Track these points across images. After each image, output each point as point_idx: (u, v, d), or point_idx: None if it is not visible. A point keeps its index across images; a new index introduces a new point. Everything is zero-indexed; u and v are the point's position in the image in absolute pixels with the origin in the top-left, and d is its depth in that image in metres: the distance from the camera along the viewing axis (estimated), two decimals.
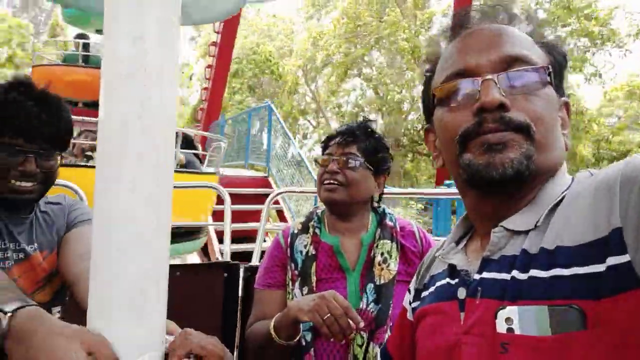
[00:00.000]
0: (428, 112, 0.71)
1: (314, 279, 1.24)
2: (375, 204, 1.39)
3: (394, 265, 1.24)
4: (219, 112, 11.70)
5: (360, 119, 1.40)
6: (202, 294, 1.72)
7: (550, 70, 0.62)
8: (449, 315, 0.63)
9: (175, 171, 4.86)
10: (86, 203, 1.79)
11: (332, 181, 1.27)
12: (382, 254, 1.25)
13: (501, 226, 0.60)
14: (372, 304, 1.19)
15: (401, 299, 1.24)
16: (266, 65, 20.70)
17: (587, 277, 0.49)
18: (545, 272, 0.52)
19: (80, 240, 1.14)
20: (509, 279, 0.56)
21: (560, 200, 0.58)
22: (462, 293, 0.62)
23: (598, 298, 0.48)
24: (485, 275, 0.59)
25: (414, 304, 0.77)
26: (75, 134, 4.37)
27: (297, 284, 1.25)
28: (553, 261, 0.52)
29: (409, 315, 0.78)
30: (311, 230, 1.32)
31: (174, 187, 0.72)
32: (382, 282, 1.21)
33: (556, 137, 0.61)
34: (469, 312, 0.60)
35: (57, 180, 1.17)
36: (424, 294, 0.74)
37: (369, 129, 1.35)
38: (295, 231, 1.34)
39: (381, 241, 1.27)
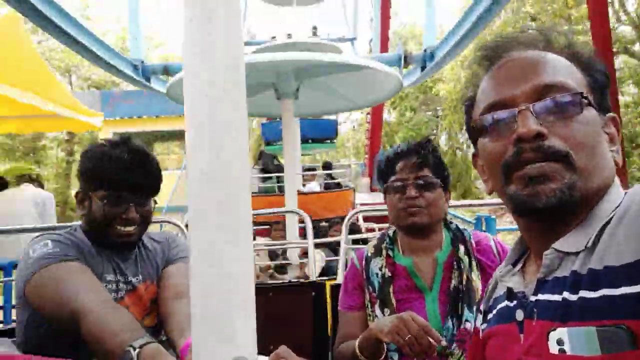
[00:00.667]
0: (473, 139, 0.74)
1: (393, 300, 1.26)
2: (445, 220, 1.38)
3: (478, 283, 1.24)
4: (378, 148, 14.14)
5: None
6: (294, 313, 1.84)
7: (587, 94, 0.62)
8: (510, 336, 0.65)
9: None
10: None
11: (414, 206, 1.27)
12: (463, 272, 1.24)
13: (553, 248, 0.61)
14: (469, 322, 1.18)
15: None
16: (425, 86, 23.92)
17: (636, 296, 0.49)
18: (594, 293, 0.53)
19: (176, 277, 1.29)
20: (561, 300, 0.57)
21: (611, 219, 0.57)
22: (520, 315, 0.64)
23: None
24: (540, 296, 0.61)
25: (482, 326, 0.79)
26: None
27: (377, 306, 1.28)
28: (601, 281, 0.53)
29: (480, 336, 0.80)
30: (384, 252, 1.34)
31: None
32: (474, 300, 1.21)
33: (601, 158, 0.61)
34: (527, 333, 0.61)
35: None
36: (489, 316, 0.76)
37: (433, 146, 1.34)
38: (369, 254, 1.37)
39: (459, 259, 1.27)
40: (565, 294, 0.56)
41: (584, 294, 0.54)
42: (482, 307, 0.83)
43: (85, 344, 0.97)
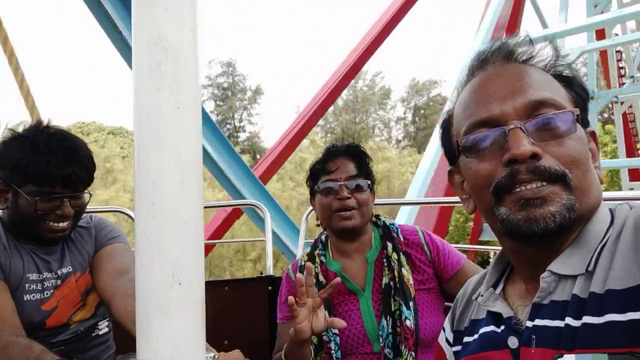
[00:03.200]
0: (451, 155, 0.68)
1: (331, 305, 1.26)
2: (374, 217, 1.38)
3: (410, 277, 1.24)
4: None
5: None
6: (250, 307, 1.80)
7: (578, 112, 0.59)
8: None
9: None
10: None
11: (347, 208, 1.26)
12: (395, 269, 1.23)
13: (549, 270, 0.57)
14: (409, 320, 1.18)
15: (423, 308, 1.21)
16: None
17: None
18: (599, 318, 0.50)
19: (111, 258, 1.21)
20: (563, 326, 0.53)
21: (607, 241, 0.55)
22: (513, 342, 0.59)
23: None
24: (537, 322, 0.57)
25: (455, 348, 0.73)
26: None
27: None
28: (605, 306, 0.50)
29: (450, 358, 0.75)
30: (317, 259, 1.33)
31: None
32: (409, 296, 1.20)
33: (592, 175, 0.58)
34: None
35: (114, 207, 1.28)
36: (467, 339, 0.71)
37: (357, 146, 1.35)
38: (303, 263, 1.35)
39: (389, 256, 1.26)
40: (568, 320, 0.52)
41: (588, 319, 0.51)
42: (447, 325, 0.78)
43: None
